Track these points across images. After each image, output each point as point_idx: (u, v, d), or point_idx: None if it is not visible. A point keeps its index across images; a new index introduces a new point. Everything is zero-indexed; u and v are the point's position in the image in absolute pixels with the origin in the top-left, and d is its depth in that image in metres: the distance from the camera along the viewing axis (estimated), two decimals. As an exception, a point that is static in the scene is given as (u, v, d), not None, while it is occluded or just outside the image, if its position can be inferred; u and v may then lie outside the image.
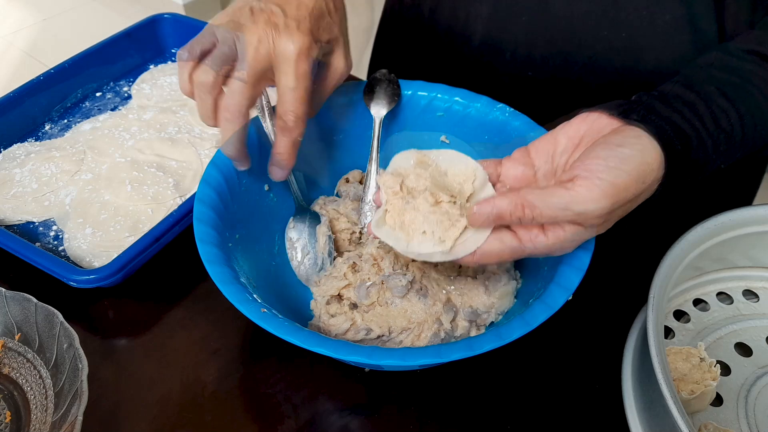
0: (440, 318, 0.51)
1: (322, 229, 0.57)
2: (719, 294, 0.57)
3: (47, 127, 0.77)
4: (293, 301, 0.56)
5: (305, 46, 0.46)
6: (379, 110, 0.58)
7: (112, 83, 0.84)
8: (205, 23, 0.87)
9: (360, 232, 0.59)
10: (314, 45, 0.47)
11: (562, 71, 0.62)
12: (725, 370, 0.51)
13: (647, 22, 0.56)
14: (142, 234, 0.59)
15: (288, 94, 0.47)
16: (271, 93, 0.55)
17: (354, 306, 0.54)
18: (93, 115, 0.79)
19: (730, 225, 0.52)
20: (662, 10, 0.55)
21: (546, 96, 0.65)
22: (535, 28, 0.61)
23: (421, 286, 0.53)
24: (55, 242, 0.63)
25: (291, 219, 0.58)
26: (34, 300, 0.50)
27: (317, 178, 0.63)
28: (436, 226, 0.43)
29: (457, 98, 0.59)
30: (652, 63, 0.58)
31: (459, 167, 0.46)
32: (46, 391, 0.48)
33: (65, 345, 0.47)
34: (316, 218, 0.58)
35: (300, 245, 0.58)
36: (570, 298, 0.44)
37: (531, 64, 0.64)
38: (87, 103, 0.81)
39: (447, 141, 0.61)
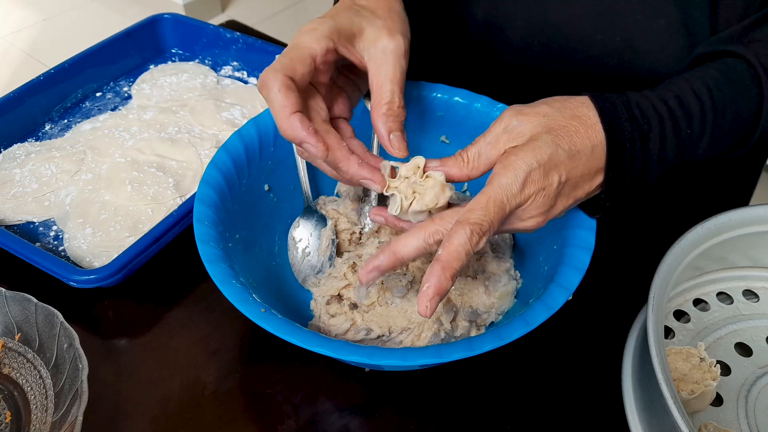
0: (440, 318, 0.51)
1: (327, 233, 0.57)
2: (719, 294, 0.57)
3: (47, 127, 0.77)
4: (293, 301, 0.56)
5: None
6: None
7: (112, 83, 0.84)
8: (206, 23, 0.88)
9: (360, 232, 0.59)
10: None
11: (560, 72, 0.63)
12: (725, 370, 0.51)
13: (642, 26, 0.56)
14: (142, 234, 0.59)
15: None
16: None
17: (354, 306, 0.54)
18: (93, 115, 0.79)
19: (730, 225, 0.52)
20: (657, 15, 0.55)
21: (545, 95, 0.65)
22: (531, 32, 0.61)
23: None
24: (55, 242, 0.63)
25: (298, 218, 0.58)
26: (34, 300, 0.50)
27: (317, 177, 0.63)
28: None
29: (457, 98, 0.59)
30: (647, 66, 0.58)
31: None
32: (46, 391, 0.48)
33: (65, 345, 0.47)
34: (322, 221, 0.58)
35: (302, 246, 0.58)
36: (570, 298, 0.44)
37: (527, 65, 0.64)
38: (87, 103, 0.81)
39: (447, 141, 0.61)
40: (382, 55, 0.46)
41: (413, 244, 0.42)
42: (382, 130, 0.46)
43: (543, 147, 0.41)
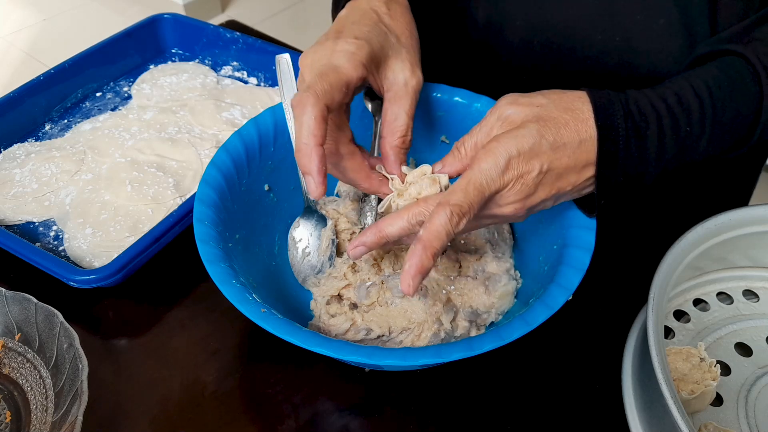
0: (440, 318, 0.51)
1: (327, 233, 0.57)
2: (719, 294, 0.57)
3: (47, 127, 0.77)
4: (293, 301, 0.56)
5: None
6: (379, 111, 0.58)
7: (112, 83, 0.84)
8: (206, 23, 0.88)
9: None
10: None
11: (560, 71, 0.63)
12: (725, 370, 0.51)
13: (641, 26, 0.56)
14: (142, 234, 0.59)
15: None
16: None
17: (354, 306, 0.54)
18: (93, 115, 0.79)
19: (730, 225, 0.52)
20: (657, 14, 0.55)
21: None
22: (530, 31, 0.62)
23: (421, 286, 0.53)
24: (55, 242, 0.63)
25: (298, 218, 0.58)
26: (34, 300, 0.50)
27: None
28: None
29: (457, 98, 0.59)
30: (647, 66, 0.58)
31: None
32: (46, 391, 0.48)
33: (65, 345, 0.47)
34: (322, 221, 0.58)
35: (301, 246, 0.58)
36: (570, 298, 0.44)
37: (527, 65, 0.64)
38: (87, 103, 0.81)
39: (447, 141, 0.61)
40: (404, 89, 0.48)
41: (398, 224, 0.44)
42: (393, 160, 0.49)
43: (526, 136, 0.42)
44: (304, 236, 0.58)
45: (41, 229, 0.65)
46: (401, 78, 0.48)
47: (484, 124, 0.46)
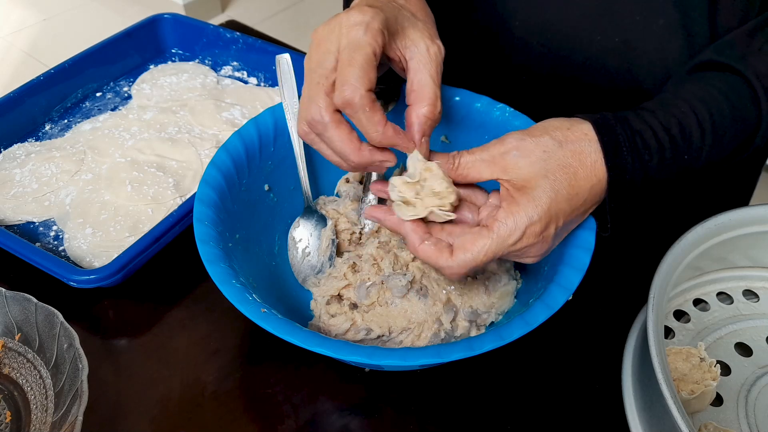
0: (440, 318, 0.51)
1: (327, 233, 0.57)
2: (719, 294, 0.57)
3: (47, 127, 0.77)
4: (293, 301, 0.56)
5: None
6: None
7: (112, 83, 0.84)
8: (206, 23, 0.88)
9: (360, 233, 0.59)
10: None
11: (559, 72, 0.63)
12: (725, 370, 0.51)
13: (641, 26, 0.56)
14: (142, 234, 0.59)
15: None
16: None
17: (354, 306, 0.54)
18: (93, 115, 0.79)
19: (730, 225, 0.52)
20: (656, 15, 0.55)
21: (544, 95, 0.65)
22: (529, 31, 0.62)
23: (421, 286, 0.53)
24: (55, 242, 0.63)
25: (298, 218, 0.58)
26: (35, 300, 0.50)
27: (317, 177, 0.63)
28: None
29: (457, 98, 0.59)
30: (646, 66, 0.58)
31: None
32: (46, 391, 0.48)
33: (65, 345, 0.47)
34: (322, 221, 0.58)
35: (302, 246, 0.58)
36: (570, 298, 0.44)
37: (527, 65, 0.64)
38: (87, 103, 0.81)
39: (447, 141, 0.61)
40: (427, 55, 0.45)
41: (411, 240, 0.45)
42: (416, 130, 0.45)
43: (543, 197, 0.42)
44: (304, 236, 0.58)
45: (41, 229, 0.65)
46: (422, 45, 0.45)
47: (486, 151, 0.44)
